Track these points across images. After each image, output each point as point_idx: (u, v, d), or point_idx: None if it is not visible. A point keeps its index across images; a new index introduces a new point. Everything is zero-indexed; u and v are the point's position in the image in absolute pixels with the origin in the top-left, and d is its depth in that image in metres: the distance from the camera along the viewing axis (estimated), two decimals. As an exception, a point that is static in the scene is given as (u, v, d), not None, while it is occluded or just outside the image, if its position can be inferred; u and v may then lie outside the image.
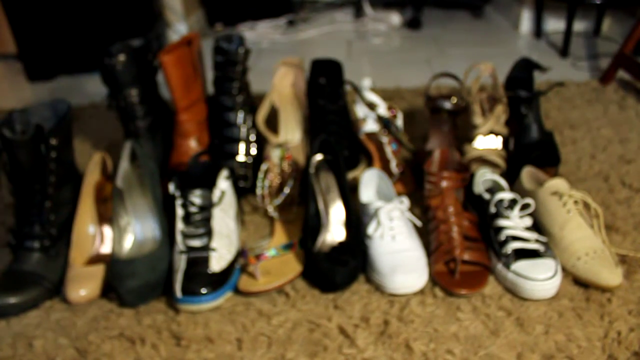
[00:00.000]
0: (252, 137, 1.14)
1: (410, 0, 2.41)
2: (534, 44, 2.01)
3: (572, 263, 0.85)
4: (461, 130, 1.17)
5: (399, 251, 0.87)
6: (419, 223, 0.94)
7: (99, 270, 0.89)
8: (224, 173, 0.97)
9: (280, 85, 1.23)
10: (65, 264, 0.92)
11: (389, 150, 1.12)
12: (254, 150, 1.14)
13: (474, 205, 0.97)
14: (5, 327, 0.84)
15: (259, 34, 2.36)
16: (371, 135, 1.17)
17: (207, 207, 0.91)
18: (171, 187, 0.93)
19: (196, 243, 0.89)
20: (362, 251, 0.90)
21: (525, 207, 0.89)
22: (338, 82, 1.22)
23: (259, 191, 1.06)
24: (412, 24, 2.25)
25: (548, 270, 0.82)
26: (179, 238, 0.89)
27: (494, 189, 0.98)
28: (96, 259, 0.95)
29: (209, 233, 0.89)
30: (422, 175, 1.00)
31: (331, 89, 1.20)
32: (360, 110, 1.21)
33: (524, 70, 1.23)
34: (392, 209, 0.91)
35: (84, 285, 0.87)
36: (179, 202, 0.92)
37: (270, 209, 1.03)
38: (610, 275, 0.82)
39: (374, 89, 1.28)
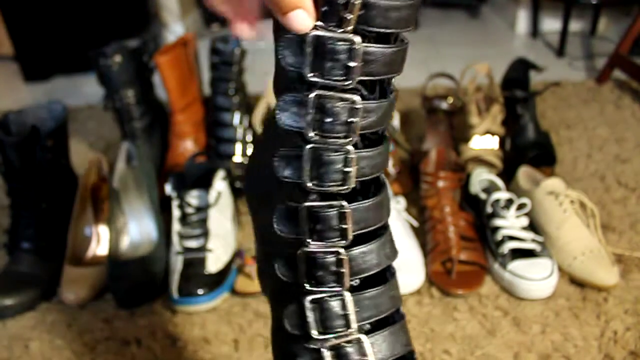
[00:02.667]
0: (249, 138, 1.14)
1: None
2: (530, 44, 2.01)
3: (568, 263, 0.85)
4: (457, 130, 1.17)
5: (395, 251, 0.87)
6: (415, 223, 0.94)
7: (95, 271, 0.89)
8: (221, 174, 0.97)
9: (277, 85, 1.23)
10: (61, 265, 0.91)
11: (385, 150, 1.12)
12: (250, 151, 1.14)
13: (470, 205, 0.97)
14: (1, 329, 0.84)
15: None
16: (368, 136, 1.17)
17: (203, 208, 0.91)
18: (167, 188, 0.93)
19: (193, 244, 0.88)
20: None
21: (521, 206, 0.89)
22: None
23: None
24: (409, 24, 2.26)
25: (544, 270, 0.82)
26: (175, 239, 0.89)
27: (490, 188, 0.98)
28: (92, 260, 0.95)
29: (205, 234, 0.89)
30: (419, 175, 1.00)
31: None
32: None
33: (520, 71, 1.23)
34: (389, 209, 0.91)
35: (80, 287, 0.87)
36: (175, 203, 0.92)
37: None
38: (607, 275, 0.82)
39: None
